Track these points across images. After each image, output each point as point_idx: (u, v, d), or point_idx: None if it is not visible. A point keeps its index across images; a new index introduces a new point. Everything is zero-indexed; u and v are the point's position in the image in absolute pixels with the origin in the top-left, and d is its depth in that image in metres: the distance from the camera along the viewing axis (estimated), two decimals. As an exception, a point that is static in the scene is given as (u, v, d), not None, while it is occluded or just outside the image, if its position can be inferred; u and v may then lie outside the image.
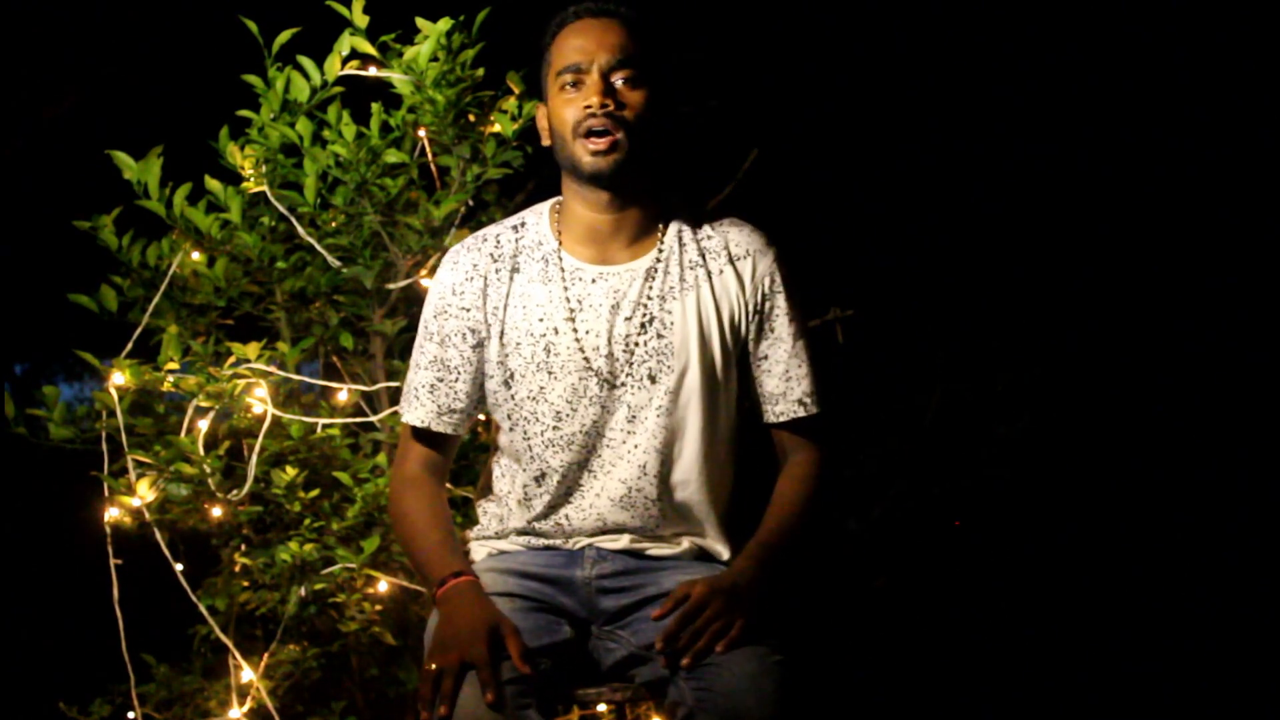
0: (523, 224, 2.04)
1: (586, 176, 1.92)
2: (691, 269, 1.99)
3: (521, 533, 2.02)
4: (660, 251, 1.99)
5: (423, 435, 2.06)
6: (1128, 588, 4.53)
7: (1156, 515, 4.89)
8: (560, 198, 2.03)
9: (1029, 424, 4.72)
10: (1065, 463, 4.90)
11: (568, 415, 1.96)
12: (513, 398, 1.99)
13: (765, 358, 2.01)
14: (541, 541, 2.01)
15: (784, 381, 2.01)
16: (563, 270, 1.98)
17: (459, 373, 2.02)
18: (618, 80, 1.91)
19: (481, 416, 2.17)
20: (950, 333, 4.73)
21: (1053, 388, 4.89)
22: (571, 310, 1.97)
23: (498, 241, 2.03)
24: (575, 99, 1.91)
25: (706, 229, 2.02)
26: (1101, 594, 4.49)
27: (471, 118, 2.59)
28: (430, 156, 2.64)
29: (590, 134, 1.89)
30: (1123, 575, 4.61)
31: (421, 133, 2.61)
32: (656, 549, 1.99)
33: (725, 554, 2.01)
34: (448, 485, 2.66)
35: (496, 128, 2.58)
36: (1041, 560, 4.66)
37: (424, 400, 2.03)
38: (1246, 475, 4.96)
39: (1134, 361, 5.22)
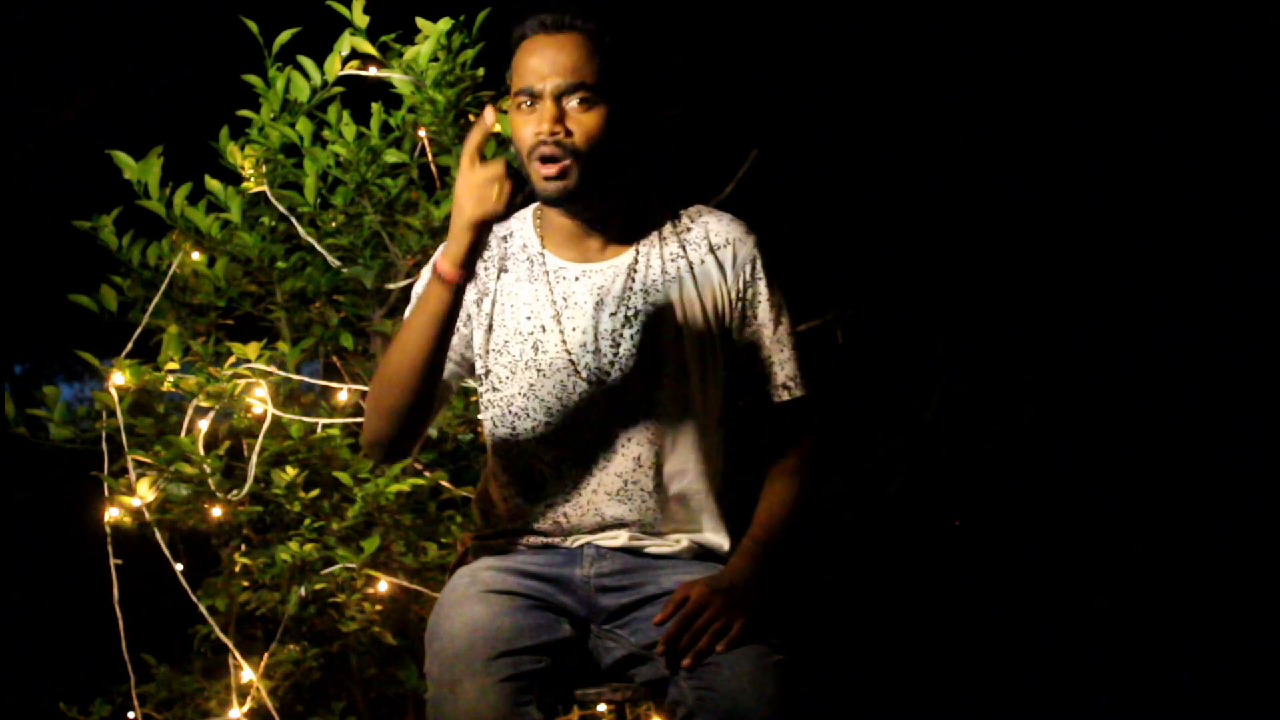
0: (510, 234, 2.06)
1: (541, 198, 1.94)
2: (673, 261, 2.00)
3: (520, 532, 2.02)
4: (640, 246, 2.00)
5: None
6: (1127, 587, 4.53)
7: (1157, 514, 4.89)
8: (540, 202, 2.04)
9: (1029, 423, 4.73)
10: (1065, 462, 4.91)
11: (558, 411, 1.97)
12: (504, 396, 2.00)
13: (749, 344, 2.02)
14: (540, 540, 2.01)
15: (768, 367, 2.02)
16: (547, 270, 2.00)
17: (455, 331, 2.00)
18: (571, 103, 1.89)
19: (481, 416, 2.17)
20: (950, 333, 4.73)
21: (1052, 387, 4.90)
22: (557, 309, 1.98)
23: (488, 245, 2.04)
24: (529, 121, 1.90)
25: (685, 221, 2.04)
26: (1101, 593, 4.49)
27: (471, 118, 2.59)
28: (430, 156, 2.64)
29: (542, 160, 1.89)
30: (1123, 574, 4.61)
31: (421, 133, 2.61)
32: (655, 547, 1.99)
33: (725, 545, 2.01)
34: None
35: (496, 128, 2.58)
36: (1041, 559, 4.66)
37: None
38: (1247, 474, 4.96)
39: (1134, 361, 5.22)
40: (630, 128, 1.94)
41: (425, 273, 1.95)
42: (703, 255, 2.01)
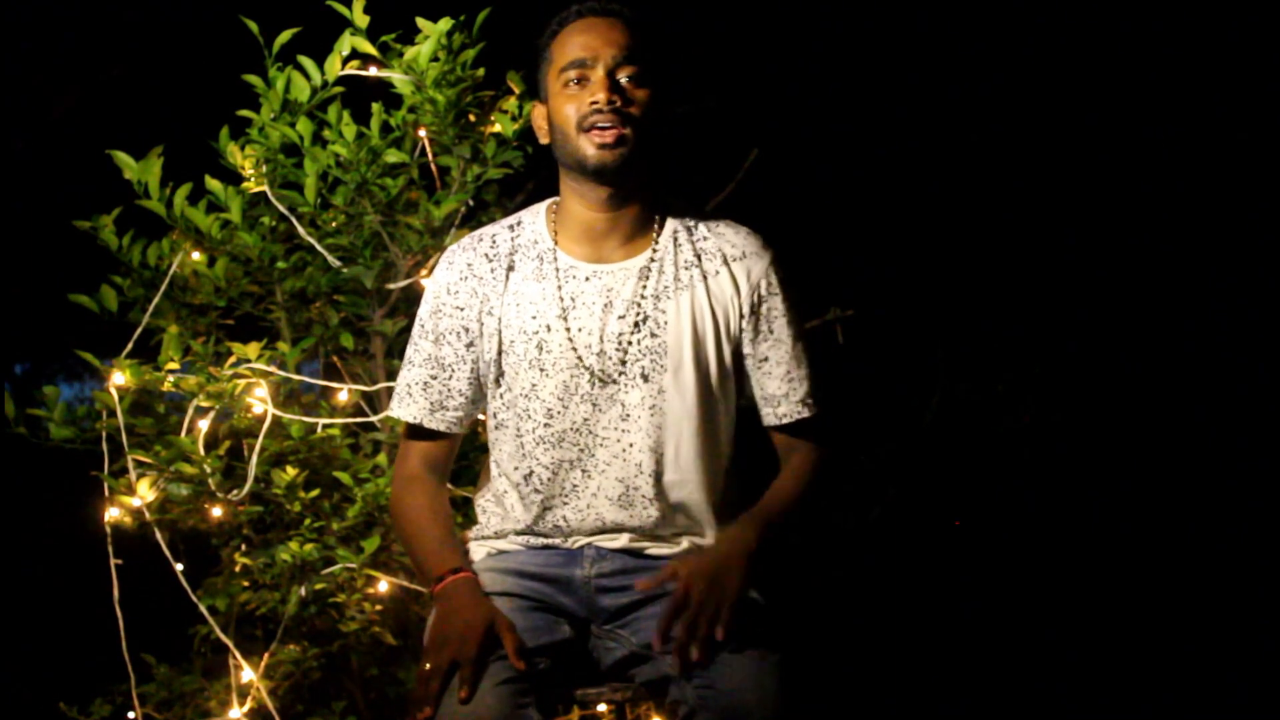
0: (519, 223, 2.05)
1: (591, 170, 1.92)
2: (686, 269, 1.99)
3: (520, 532, 2.02)
4: (655, 251, 1.99)
5: (420, 434, 2.07)
6: (1127, 587, 4.53)
7: (1157, 514, 4.89)
8: (557, 198, 2.04)
9: (1029, 424, 4.72)
10: (1066, 462, 4.90)
11: (559, 412, 1.96)
12: (506, 394, 2.00)
13: (766, 359, 2.01)
14: (540, 541, 2.01)
15: (786, 383, 2.01)
16: (557, 268, 1.99)
17: (453, 370, 2.02)
18: (623, 77, 1.91)
19: (481, 416, 2.18)
20: (950, 333, 4.73)
21: (1053, 387, 4.90)
22: (564, 308, 1.97)
23: (494, 241, 2.03)
24: (580, 95, 1.91)
25: (702, 230, 2.03)
26: (1102, 593, 4.49)
27: (472, 118, 2.59)
28: (430, 156, 2.64)
29: (596, 129, 1.89)
30: (1123, 574, 4.61)
31: (422, 133, 2.61)
32: (655, 548, 1.99)
33: (725, 553, 2.01)
34: (448, 485, 2.67)
35: (497, 128, 2.58)
36: (1042, 560, 4.66)
37: (416, 397, 2.03)
38: (1247, 474, 4.96)
39: (1135, 360, 5.22)
40: (667, 116, 1.95)
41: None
42: (718, 267, 2.00)
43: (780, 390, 2.01)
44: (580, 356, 1.96)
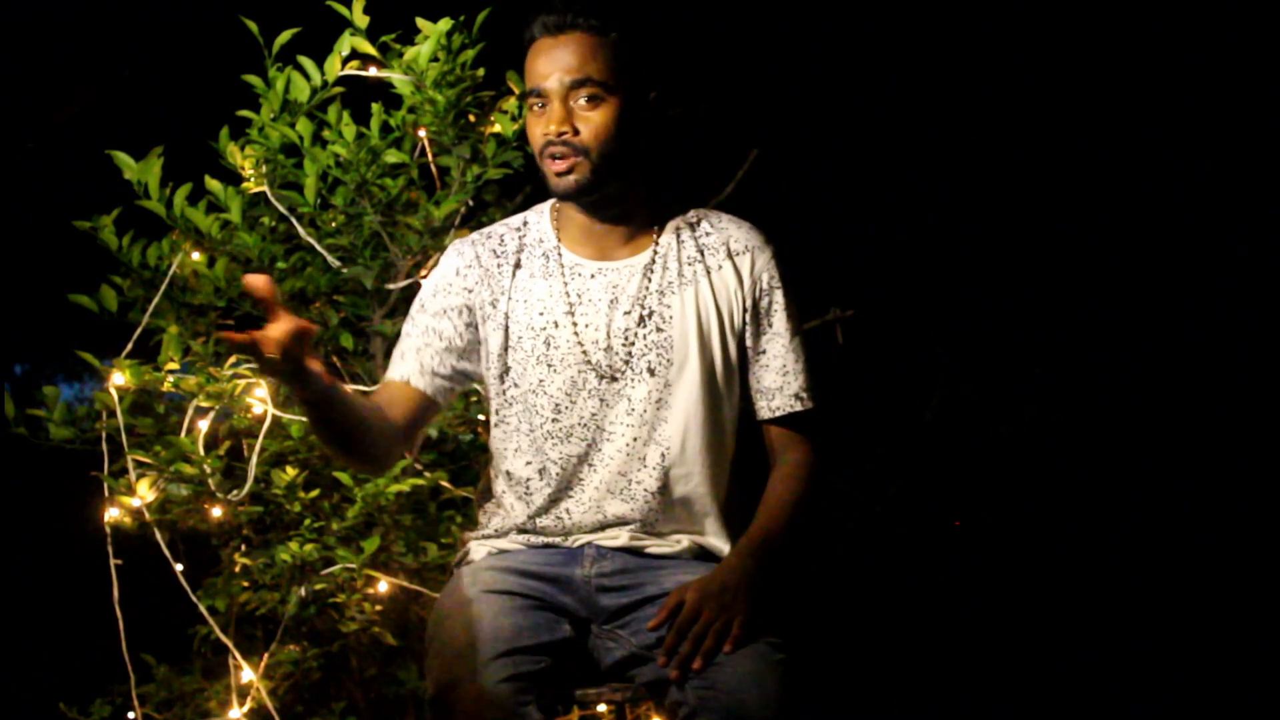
0: (525, 223, 2.07)
1: (556, 194, 1.96)
2: (690, 265, 2.01)
3: (521, 531, 2.02)
4: (658, 248, 2.01)
5: (397, 390, 2.02)
6: (1127, 587, 4.53)
7: (1157, 514, 4.89)
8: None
9: (1030, 423, 4.73)
10: (1066, 462, 4.91)
11: (566, 408, 1.97)
12: (512, 390, 2.00)
13: (763, 353, 2.03)
14: (541, 540, 2.01)
15: (781, 376, 2.02)
16: (562, 266, 2.01)
17: (450, 342, 2.03)
18: (578, 101, 1.92)
19: (480, 417, 2.18)
20: (950, 333, 4.73)
21: (1053, 387, 4.90)
22: (571, 304, 1.99)
23: (501, 239, 2.05)
24: (539, 122, 1.94)
25: (704, 226, 2.04)
26: (1102, 593, 4.49)
27: (471, 118, 2.60)
28: (430, 156, 2.64)
29: (551, 158, 1.92)
30: (1124, 574, 4.62)
31: (421, 133, 2.61)
32: (656, 547, 1.99)
33: (726, 549, 2.01)
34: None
35: (496, 128, 2.58)
36: (1042, 560, 4.67)
37: (409, 359, 2.02)
38: (1247, 474, 4.96)
39: (1134, 360, 5.22)
40: (642, 123, 1.96)
41: None
42: (720, 261, 2.02)
43: (775, 384, 2.02)
44: (586, 352, 1.98)
